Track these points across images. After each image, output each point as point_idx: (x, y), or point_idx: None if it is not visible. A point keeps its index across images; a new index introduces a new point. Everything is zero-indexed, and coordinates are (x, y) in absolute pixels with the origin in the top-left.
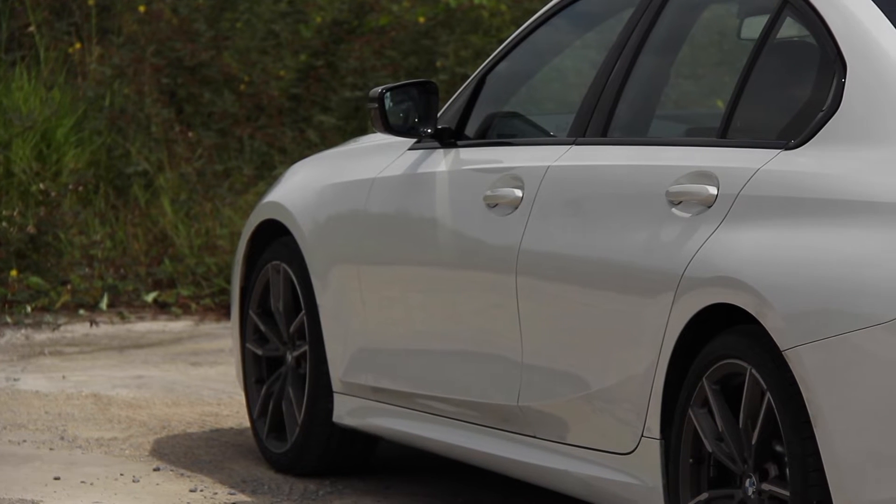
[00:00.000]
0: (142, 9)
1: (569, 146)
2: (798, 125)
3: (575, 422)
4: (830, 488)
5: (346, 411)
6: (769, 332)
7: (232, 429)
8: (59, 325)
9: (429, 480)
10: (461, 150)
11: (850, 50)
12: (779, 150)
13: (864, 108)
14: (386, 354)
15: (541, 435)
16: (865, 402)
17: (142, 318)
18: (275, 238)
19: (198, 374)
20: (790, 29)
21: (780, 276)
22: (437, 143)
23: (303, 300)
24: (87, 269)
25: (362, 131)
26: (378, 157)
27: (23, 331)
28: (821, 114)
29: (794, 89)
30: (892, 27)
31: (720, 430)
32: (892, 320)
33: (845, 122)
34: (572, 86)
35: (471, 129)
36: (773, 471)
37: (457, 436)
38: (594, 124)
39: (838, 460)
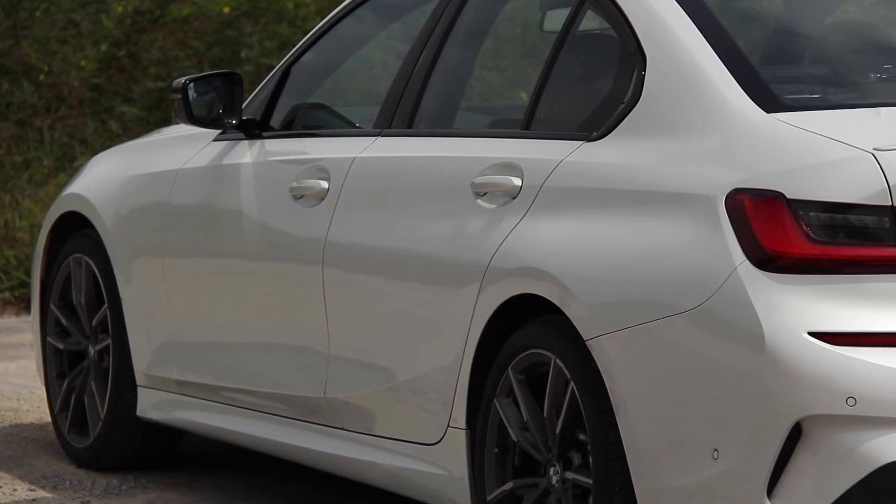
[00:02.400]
0: None
1: (374, 138)
2: (600, 117)
3: (382, 413)
4: (632, 476)
5: (151, 405)
6: (573, 322)
7: (32, 424)
8: None
9: (236, 474)
10: (266, 141)
11: (649, 43)
12: (581, 142)
13: (664, 101)
14: (191, 347)
15: (348, 426)
16: (665, 390)
17: None
18: (76, 230)
19: None
20: (592, 22)
21: (583, 267)
22: (241, 135)
23: (105, 293)
24: None
25: (166, 122)
26: (182, 148)
27: None
28: (622, 106)
29: (595, 81)
30: (690, 21)
31: (525, 419)
32: (691, 310)
33: (645, 114)
34: (378, 77)
35: (276, 120)
36: (576, 459)
37: (263, 428)
38: (399, 116)
39: (639, 448)
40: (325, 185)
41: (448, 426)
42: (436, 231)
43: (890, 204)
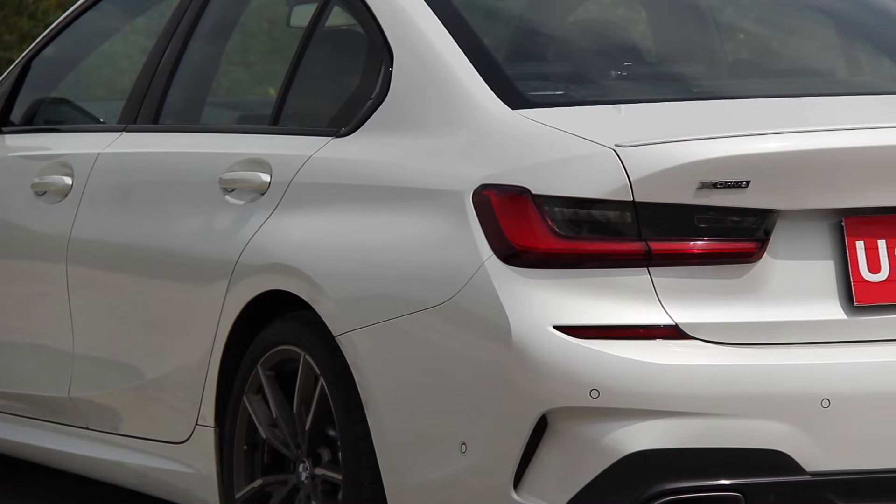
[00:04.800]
0: None
1: (119, 133)
2: (348, 113)
3: (128, 412)
4: (381, 471)
5: None
6: (322, 317)
7: None
8: None
9: None
10: (6, 136)
11: (396, 39)
12: (330, 138)
13: (411, 97)
14: None
15: (93, 426)
16: (415, 385)
17: None
18: None
19: None
20: (339, 17)
21: (333, 263)
22: None
23: None
24: None
25: None
26: None
27: None
28: (369, 102)
29: (343, 78)
30: (436, 18)
31: (274, 416)
32: (439, 304)
33: (393, 110)
34: (122, 72)
35: (17, 115)
36: (326, 455)
37: (5, 429)
38: (145, 111)
39: (388, 443)
40: (68, 181)
41: (196, 424)
42: (183, 228)
43: (631, 199)
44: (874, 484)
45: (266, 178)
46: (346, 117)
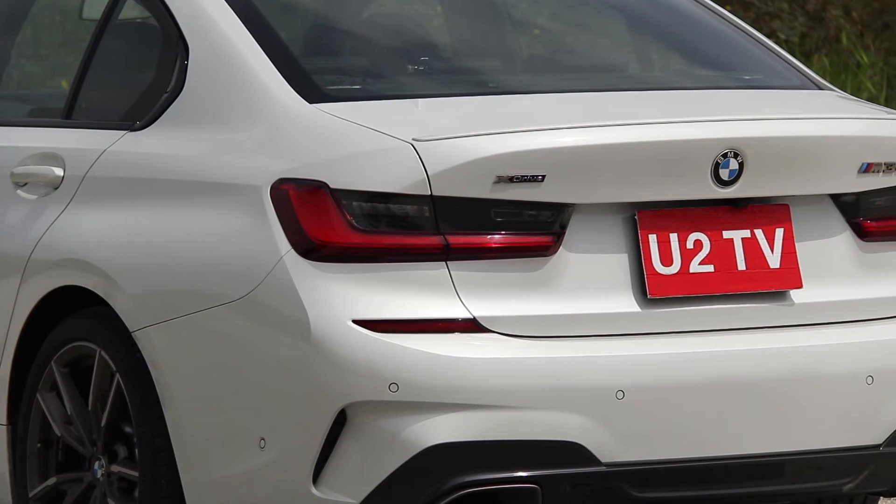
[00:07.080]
0: None
1: None
2: (143, 107)
3: None
4: (179, 467)
5: None
6: (118, 313)
7: None
8: None
9: None
10: None
11: (191, 32)
12: (125, 132)
13: (208, 90)
14: None
15: None
16: (213, 381)
17: None
18: None
19: None
20: (133, 10)
21: (129, 258)
22: None
23: None
24: None
25: None
26: None
27: None
28: (165, 95)
29: (138, 71)
30: (232, 11)
31: (69, 413)
32: (238, 299)
33: (189, 104)
34: None
35: None
36: (122, 452)
37: None
38: None
39: (186, 440)
40: None
41: None
42: None
43: (429, 193)
44: (667, 473)
45: (59, 172)
46: (141, 111)
